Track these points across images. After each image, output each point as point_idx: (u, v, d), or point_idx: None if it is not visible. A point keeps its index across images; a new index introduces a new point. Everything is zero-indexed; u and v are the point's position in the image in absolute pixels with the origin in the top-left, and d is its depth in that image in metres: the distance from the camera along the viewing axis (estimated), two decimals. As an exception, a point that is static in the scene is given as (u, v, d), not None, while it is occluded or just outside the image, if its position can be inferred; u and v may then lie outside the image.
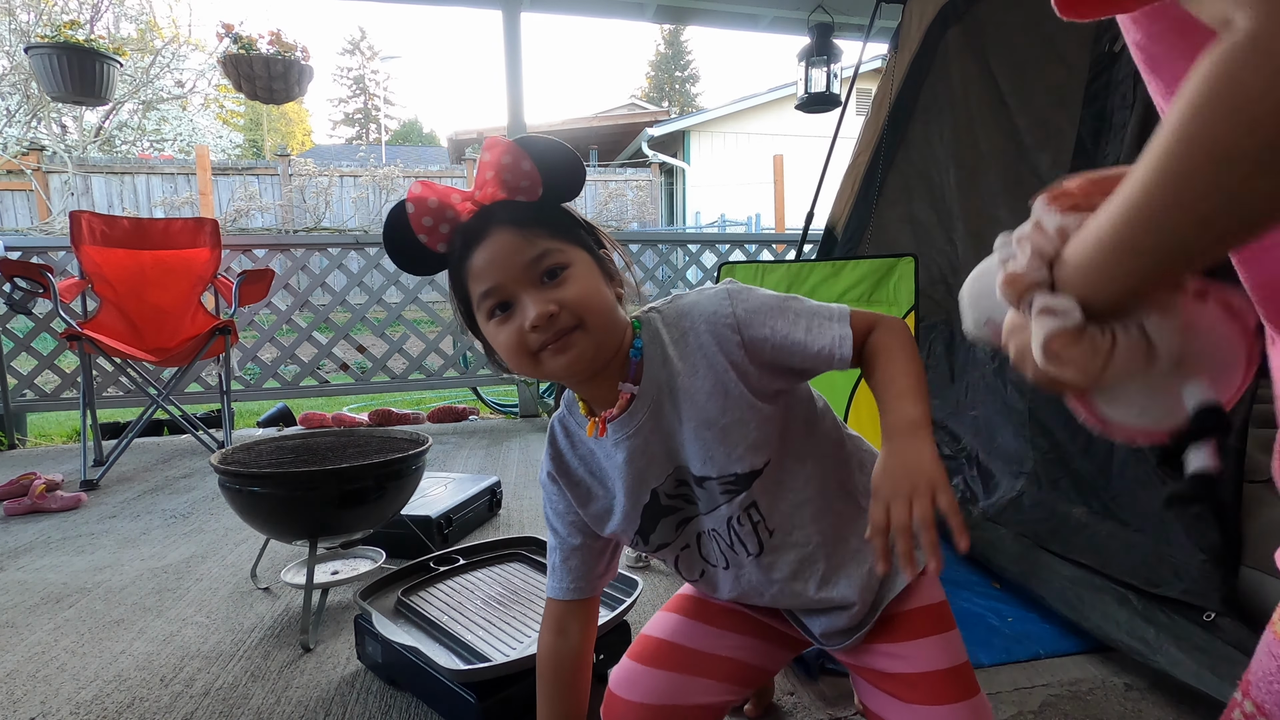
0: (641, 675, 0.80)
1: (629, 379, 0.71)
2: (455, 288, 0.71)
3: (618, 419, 0.71)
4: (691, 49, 34.39)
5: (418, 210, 0.68)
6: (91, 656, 1.23)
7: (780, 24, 3.64)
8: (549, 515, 0.82)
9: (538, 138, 0.69)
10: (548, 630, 0.81)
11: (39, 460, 2.72)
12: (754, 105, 12.25)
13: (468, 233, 0.68)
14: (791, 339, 0.68)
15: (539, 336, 0.65)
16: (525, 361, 0.68)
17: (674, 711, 0.78)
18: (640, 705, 0.78)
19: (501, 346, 0.68)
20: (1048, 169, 1.53)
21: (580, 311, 0.66)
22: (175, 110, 11.43)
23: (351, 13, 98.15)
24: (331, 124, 37.33)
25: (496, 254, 0.66)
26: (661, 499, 0.75)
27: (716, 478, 0.72)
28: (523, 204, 0.69)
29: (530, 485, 2.26)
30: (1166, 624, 1.05)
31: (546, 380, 0.74)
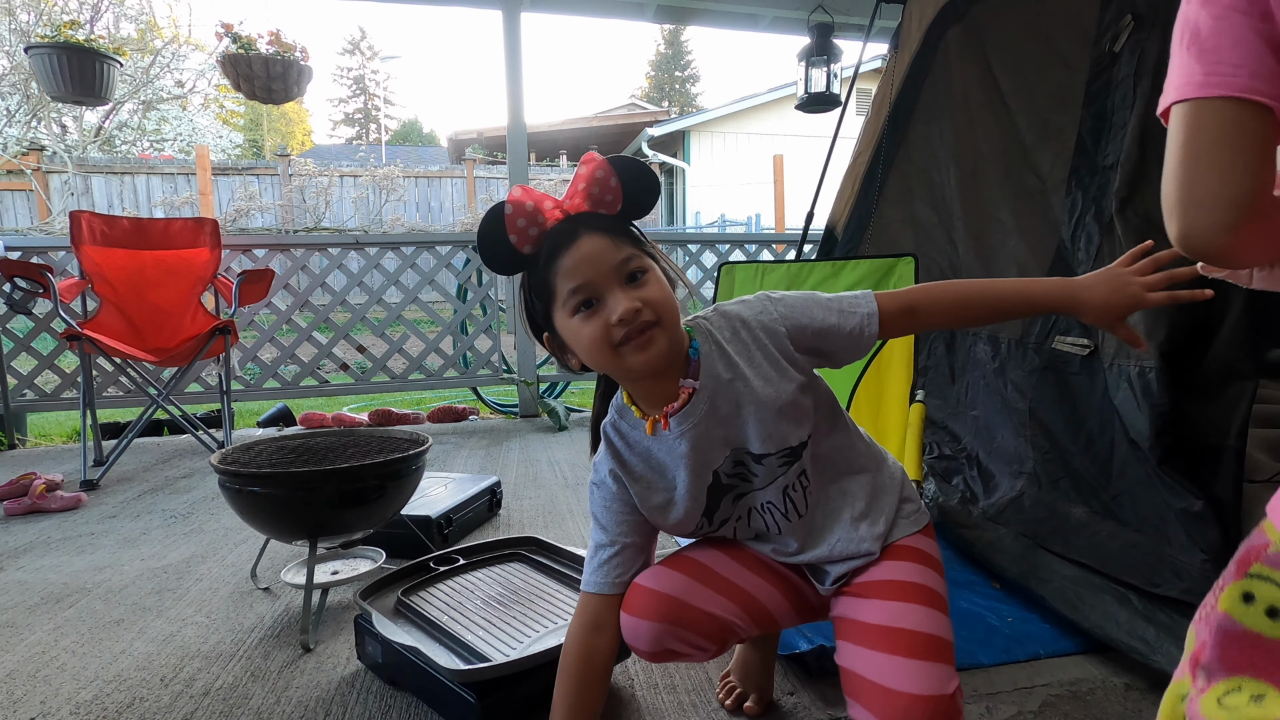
0: (661, 573, 0.85)
1: (689, 375, 0.79)
2: (535, 287, 0.78)
3: (680, 412, 0.78)
4: (692, 49, 34.40)
5: (515, 212, 0.74)
6: (91, 656, 1.23)
7: (780, 24, 3.64)
8: (600, 515, 0.86)
9: (628, 160, 0.78)
10: (583, 626, 0.85)
11: (39, 460, 2.72)
12: (754, 105, 12.24)
13: (558, 236, 0.74)
14: (827, 323, 0.79)
15: (623, 330, 0.73)
16: (606, 355, 0.74)
17: (684, 608, 0.83)
18: (654, 592, 0.83)
19: (585, 340, 0.74)
20: (1048, 169, 1.53)
21: (659, 310, 0.74)
22: (175, 110, 11.43)
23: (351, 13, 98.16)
24: (331, 124, 37.35)
25: (588, 254, 0.73)
26: (722, 478, 0.83)
27: (775, 453, 0.81)
28: (605, 215, 0.76)
29: (530, 485, 2.26)
30: (1167, 624, 1.05)
31: (621, 376, 0.77)
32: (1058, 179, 1.49)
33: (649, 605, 0.82)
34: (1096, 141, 1.38)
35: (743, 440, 0.81)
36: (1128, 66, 1.29)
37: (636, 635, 0.83)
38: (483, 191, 9.93)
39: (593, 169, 0.76)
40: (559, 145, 13.01)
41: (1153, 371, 1.16)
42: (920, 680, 0.73)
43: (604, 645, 0.84)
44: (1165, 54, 1.22)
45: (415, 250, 3.37)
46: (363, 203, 9.03)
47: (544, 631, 1.10)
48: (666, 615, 0.82)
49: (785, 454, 0.82)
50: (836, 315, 0.79)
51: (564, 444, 2.88)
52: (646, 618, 0.82)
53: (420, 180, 9.95)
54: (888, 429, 1.59)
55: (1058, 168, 1.50)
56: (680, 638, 0.83)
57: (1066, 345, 1.40)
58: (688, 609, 0.83)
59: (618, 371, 0.79)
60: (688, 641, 0.83)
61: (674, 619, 0.82)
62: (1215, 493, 1.09)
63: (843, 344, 0.80)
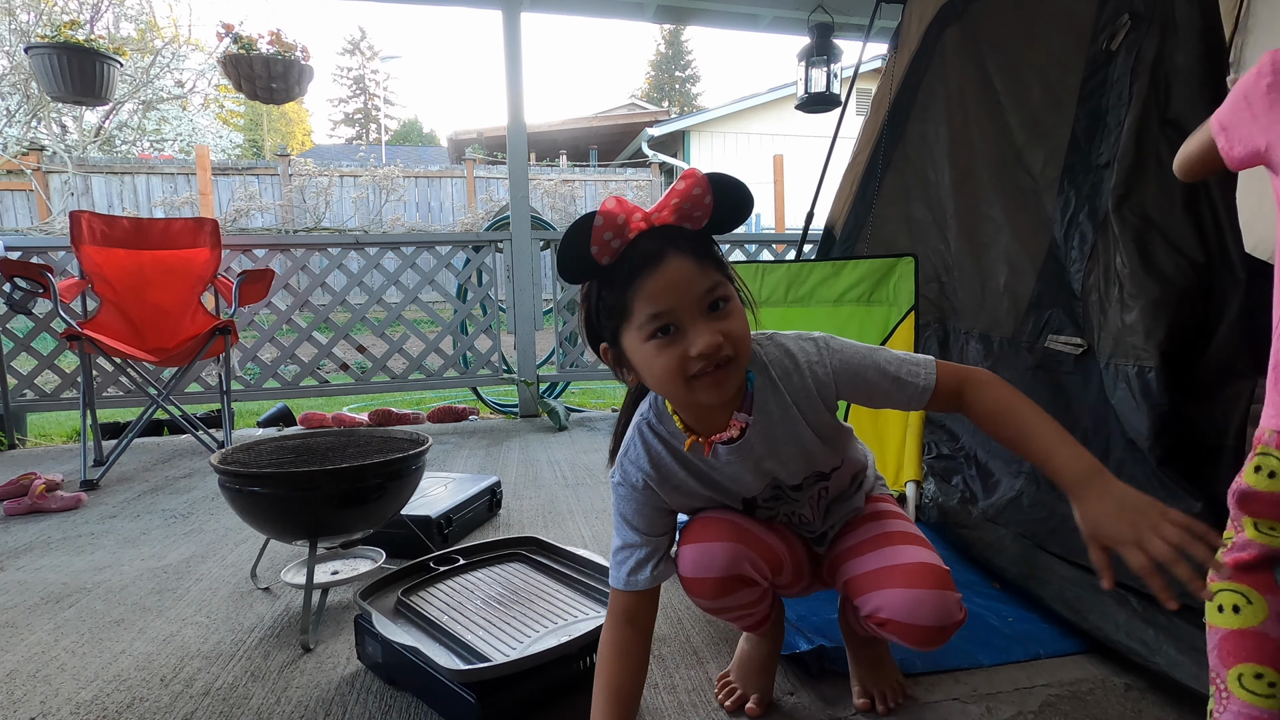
0: (712, 514, 0.88)
1: (743, 408, 0.79)
2: (606, 300, 0.74)
3: (731, 445, 0.80)
4: (692, 49, 34.40)
5: (605, 224, 0.70)
6: (91, 656, 1.23)
7: (780, 24, 3.64)
8: (630, 518, 0.85)
9: (727, 178, 0.74)
10: (619, 622, 0.86)
11: (39, 460, 2.72)
12: (754, 105, 12.24)
13: (644, 255, 0.71)
14: (881, 388, 0.81)
15: (700, 365, 0.70)
16: (678, 385, 0.73)
17: (747, 533, 0.87)
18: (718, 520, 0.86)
19: (658, 368, 0.72)
20: (1040, 168, 1.53)
21: (738, 345, 0.72)
22: (175, 110, 11.43)
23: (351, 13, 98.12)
24: (331, 124, 37.35)
25: (675, 280, 0.70)
26: (758, 502, 0.88)
27: (811, 477, 0.87)
28: (694, 234, 0.74)
29: (530, 485, 2.26)
30: (1165, 625, 1.05)
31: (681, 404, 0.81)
32: (1050, 177, 1.49)
33: (719, 530, 0.85)
34: (1090, 140, 1.38)
35: (780, 475, 0.85)
36: (1124, 65, 1.29)
37: (710, 559, 0.84)
38: (482, 191, 9.93)
39: (690, 185, 0.72)
40: (559, 145, 13.01)
41: (1152, 371, 1.15)
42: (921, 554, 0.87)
43: (640, 638, 0.86)
44: (1162, 53, 1.23)
45: (415, 250, 3.37)
46: (363, 203, 9.03)
47: (544, 632, 1.10)
48: (736, 537, 0.85)
49: (816, 477, 0.88)
50: (892, 382, 0.80)
51: (564, 444, 2.88)
52: (720, 540, 0.84)
53: (420, 180, 9.94)
54: (887, 430, 1.60)
55: (1050, 166, 1.50)
56: (750, 559, 0.85)
57: (1059, 344, 1.40)
58: (749, 533, 0.87)
59: (682, 400, 0.79)
60: (755, 566, 0.86)
61: (743, 539, 0.85)
62: (1215, 493, 1.09)
63: (886, 403, 0.83)
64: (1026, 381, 1.48)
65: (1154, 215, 1.21)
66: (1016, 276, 1.56)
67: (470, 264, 3.43)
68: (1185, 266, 1.15)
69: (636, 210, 0.72)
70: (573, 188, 9.99)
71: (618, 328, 0.74)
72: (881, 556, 0.88)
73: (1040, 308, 1.47)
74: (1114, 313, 1.23)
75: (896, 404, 0.82)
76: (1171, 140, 1.20)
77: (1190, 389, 1.13)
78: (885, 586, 0.85)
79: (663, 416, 0.83)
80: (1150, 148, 1.23)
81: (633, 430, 0.85)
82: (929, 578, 0.84)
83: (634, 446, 0.84)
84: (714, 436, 0.79)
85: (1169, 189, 1.20)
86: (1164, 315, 1.15)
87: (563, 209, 9.36)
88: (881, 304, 1.74)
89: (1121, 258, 1.23)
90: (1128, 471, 1.21)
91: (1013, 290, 1.56)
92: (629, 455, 0.84)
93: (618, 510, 0.87)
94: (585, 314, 0.78)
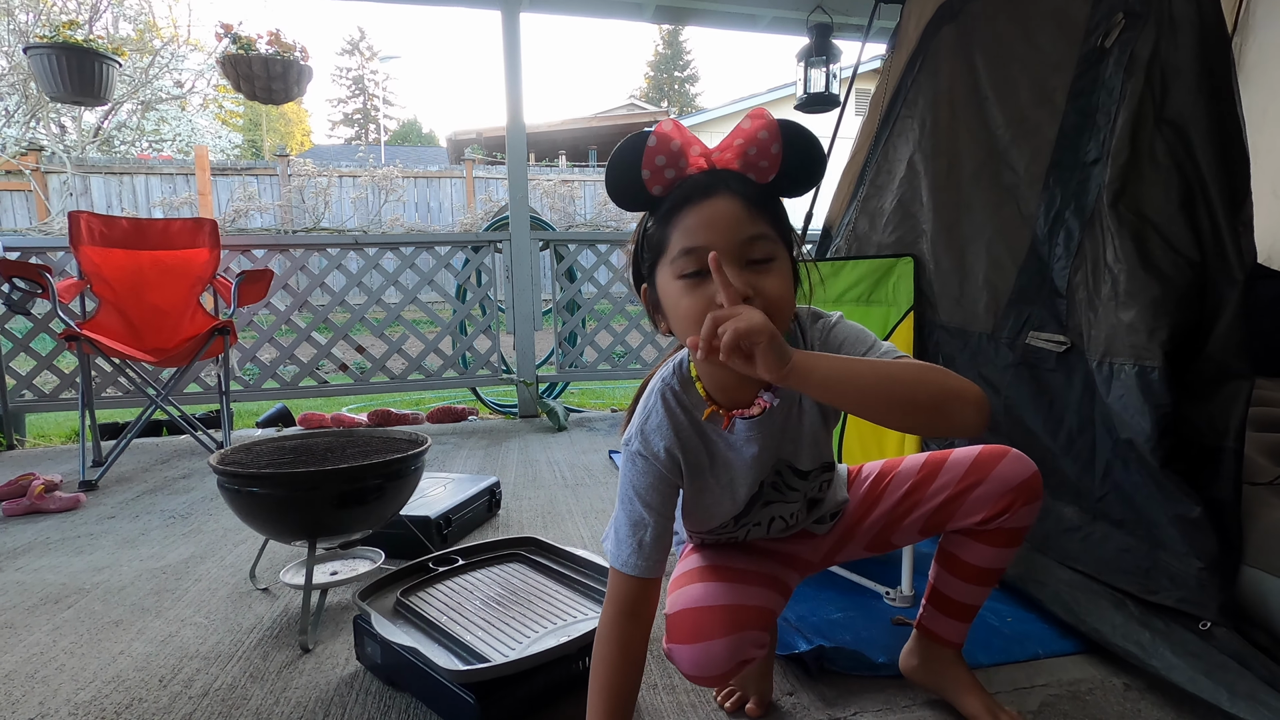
0: (699, 590, 0.81)
1: (769, 387, 0.74)
2: (650, 234, 0.70)
3: (754, 419, 0.76)
4: (691, 49, 34.43)
5: (658, 145, 0.66)
6: (90, 657, 1.23)
7: (779, 24, 3.64)
8: (644, 492, 0.78)
9: (798, 127, 0.68)
10: (619, 614, 0.79)
11: (37, 461, 2.72)
12: (753, 105, 12.26)
13: (694, 187, 0.67)
14: None
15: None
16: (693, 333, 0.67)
17: (741, 611, 0.80)
18: (710, 609, 0.79)
19: (681, 310, 0.68)
20: (1025, 164, 1.53)
21: (771, 308, 0.66)
22: (174, 110, 11.43)
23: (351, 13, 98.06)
24: (330, 124, 37.35)
25: (716, 217, 0.66)
26: (764, 488, 0.83)
27: (817, 468, 0.84)
28: (752, 181, 0.68)
29: (529, 485, 2.26)
30: (1162, 629, 1.05)
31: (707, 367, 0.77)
32: (1034, 174, 1.49)
33: (714, 624, 0.78)
34: (1079, 136, 1.37)
35: (793, 456, 0.81)
36: (1117, 62, 1.29)
37: (712, 659, 0.77)
38: (482, 191, 9.93)
39: (756, 128, 0.67)
40: (558, 145, 13.02)
41: (1155, 371, 1.14)
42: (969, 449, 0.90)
43: (640, 634, 0.79)
44: (1158, 51, 1.22)
45: (414, 250, 3.37)
46: (362, 203, 9.03)
47: (543, 632, 1.10)
48: (733, 625, 0.78)
49: (824, 468, 0.85)
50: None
51: (563, 444, 2.88)
52: (718, 636, 0.77)
53: (419, 180, 9.95)
54: (885, 431, 1.59)
55: (1035, 163, 1.49)
56: (751, 641, 0.79)
57: (1041, 341, 1.39)
58: (744, 610, 0.80)
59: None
60: (756, 643, 0.80)
61: (740, 625, 0.78)
62: (1214, 495, 1.09)
63: None
64: (1008, 378, 1.47)
65: (1149, 213, 1.21)
66: (997, 272, 1.55)
67: (469, 264, 3.43)
68: (1183, 265, 1.15)
69: (696, 143, 0.68)
70: (572, 188, 9.99)
71: (654, 263, 0.70)
72: (952, 469, 0.89)
73: (1020, 304, 1.46)
74: (1107, 311, 1.22)
75: None
76: (1168, 140, 1.20)
77: (1187, 388, 1.13)
78: (986, 475, 0.86)
79: (686, 384, 0.78)
80: (1145, 145, 1.23)
81: (655, 395, 0.78)
82: (998, 449, 0.89)
83: (656, 412, 0.78)
84: (736, 411, 0.75)
85: (1165, 187, 1.19)
86: (1165, 314, 1.14)
87: (562, 209, 9.35)
88: (880, 304, 1.75)
89: (1116, 254, 1.23)
90: (1116, 473, 1.20)
91: (992, 285, 1.55)
92: (651, 422, 0.78)
93: (629, 484, 0.79)
94: (634, 249, 0.74)
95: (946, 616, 0.98)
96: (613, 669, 0.79)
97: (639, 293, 0.75)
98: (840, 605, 1.32)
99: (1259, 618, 1.04)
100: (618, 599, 0.79)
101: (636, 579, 0.78)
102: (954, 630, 0.99)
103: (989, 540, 0.90)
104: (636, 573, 0.78)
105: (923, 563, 1.46)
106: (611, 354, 3.75)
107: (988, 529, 0.88)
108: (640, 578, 0.78)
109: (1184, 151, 1.18)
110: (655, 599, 0.81)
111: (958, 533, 0.92)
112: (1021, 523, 0.89)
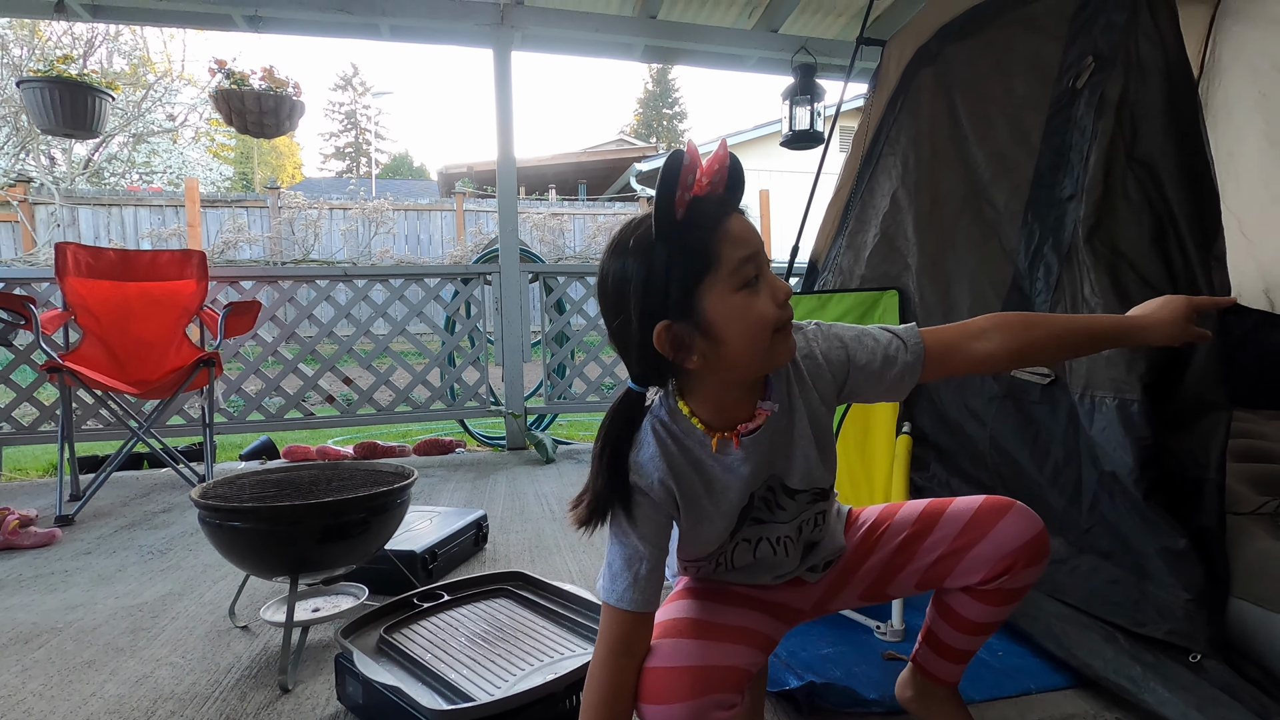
0: (670, 646, 0.79)
1: (766, 396, 0.77)
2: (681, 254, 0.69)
3: (755, 432, 0.76)
4: (679, 87, 35.13)
5: (691, 164, 0.68)
6: (60, 700, 1.19)
7: (765, 64, 3.74)
8: (640, 524, 0.77)
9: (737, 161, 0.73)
10: (612, 651, 0.77)
11: (14, 495, 2.66)
12: (740, 141, 12.49)
13: (717, 202, 0.70)
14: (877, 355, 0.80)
15: (781, 315, 0.71)
16: (765, 337, 0.71)
17: (710, 672, 0.78)
18: (675, 669, 0.77)
19: (754, 316, 0.70)
20: (1004, 200, 1.57)
21: None
22: (165, 143, 11.49)
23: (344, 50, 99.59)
24: (322, 157, 37.64)
25: (749, 228, 0.71)
26: (754, 501, 0.82)
27: (809, 490, 0.82)
28: None
29: (517, 519, 2.24)
30: (1153, 663, 1.05)
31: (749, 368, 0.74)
32: (1014, 210, 1.53)
33: (679, 685, 0.75)
34: (1055, 174, 1.42)
35: (785, 471, 0.81)
36: (1088, 103, 1.34)
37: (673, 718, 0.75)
38: (472, 224, 10.00)
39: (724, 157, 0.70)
40: (548, 180, 13.17)
41: (1135, 404, 1.16)
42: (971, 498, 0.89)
43: (633, 673, 0.77)
44: (1126, 93, 1.27)
45: (404, 282, 3.38)
46: (352, 235, 9.06)
47: (530, 670, 1.08)
48: (699, 689, 0.75)
49: (816, 494, 0.84)
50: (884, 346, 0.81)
51: (551, 477, 2.85)
52: (681, 700, 0.74)
53: (410, 213, 10.01)
54: (875, 460, 1.60)
55: (1014, 200, 1.54)
56: (718, 703, 0.76)
57: (1025, 374, 1.41)
58: (713, 671, 0.77)
59: (761, 361, 0.74)
60: (723, 704, 0.77)
61: (705, 688, 0.76)
62: (1199, 525, 1.10)
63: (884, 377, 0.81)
64: (993, 410, 1.48)
65: (1123, 248, 1.24)
66: (981, 305, 1.58)
67: (459, 296, 3.44)
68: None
69: (698, 166, 0.69)
70: (561, 221, 10.08)
71: (696, 285, 0.69)
72: (950, 523, 0.88)
73: None
74: (1084, 345, 1.25)
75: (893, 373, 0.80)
76: (1139, 178, 1.24)
77: (1168, 421, 1.14)
78: (985, 534, 0.85)
79: (675, 415, 0.77)
80: (1118, 182, 1.27)
81: (645, 430, 0.78)
82: (1002, 503, 0.87)
83: (648, 445, 0.77)
84: (740, 427, 0.76)
85: (1138, 223, 1.23)
86: (1142, 348, 1.17)
87: (551, 242, 9.43)
88: (866, 336, 1.76)
89: (1093, 288, 1.26)
90: (1103, 505, 1.21)
91: None
92: (644, 454, 0.77)
93: (623, 519, 0.78)
94: (641, 288, 0.70)
95: (941, 658, 0.97)
96: (605, 707, 0.76)
97: (648, 338, 0.71)
98: (831, 640, 1.30)
99: (1248, 650, 1.04)
100: (611, 637, 0.77)
101: (631, 614, 0.76)
102: (949, 671, 0.97)
103: (985, 599, 0.88)
104: (632, 607, 0.76)
105: (913, 598, 1.45)
106: (600, 385, 3.75)
107: (985, 589, 0.87)
108: (635, 612, 0.77)
109: (1155, 189, 1.22)
110: (650, 634, 0.79)
111: (961, 594, 0.90)
112: (1022, 583, 0.86)
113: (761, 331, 0.71)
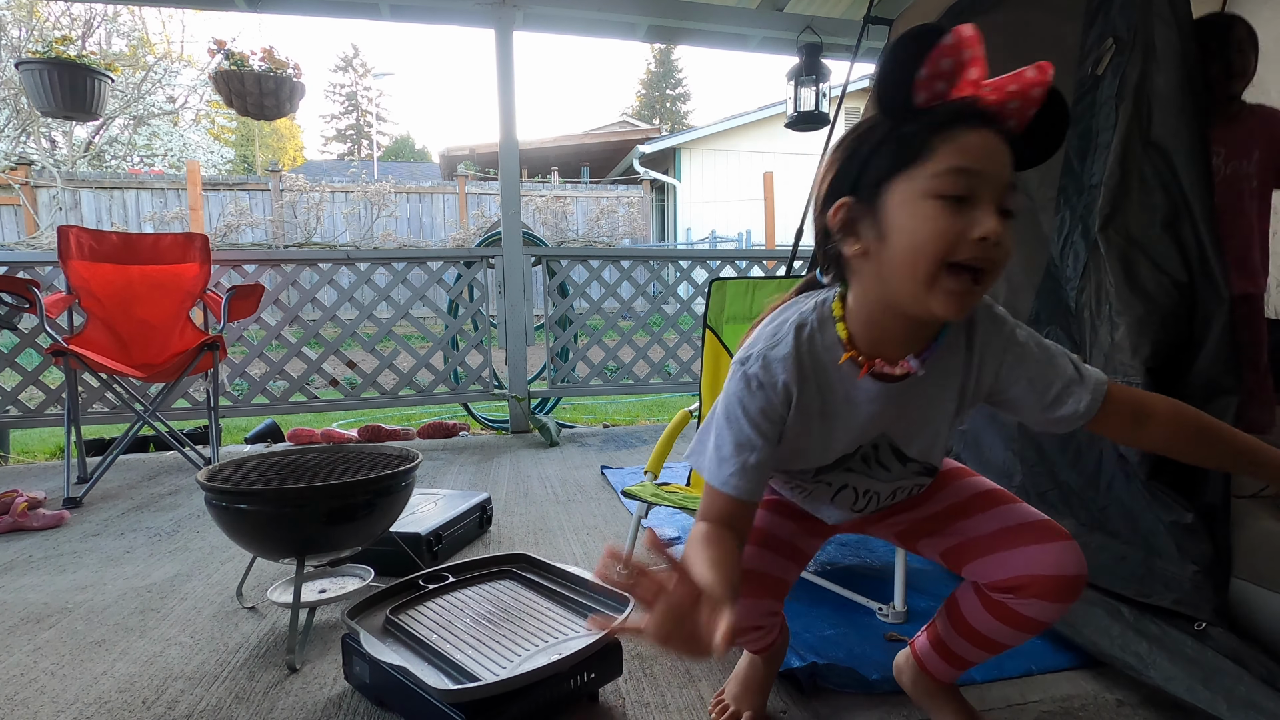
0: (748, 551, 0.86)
1: (920, 354, 0.71)
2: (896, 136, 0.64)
3: (890, 381, 0.73)
4: (682, 68, 34.79)
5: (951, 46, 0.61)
6: (72, 679, 1.21)
7: (769, 44, 3.69)
8: (755, 416, 0.73)
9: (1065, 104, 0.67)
10: (715, 524, 0.73)
11: (21, 477, 2.68)
12: (744, 123, 12.38)
13: (971, 110, 0.63)
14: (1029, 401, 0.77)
15: (970, 254, 0.62)
16: (930, 267, 0.63)
17: (768, 579, 0.89)
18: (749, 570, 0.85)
19: (925, 232, 0.62)
20: (1036, 187, 1.56)
21: (1002, 262, 0.64)
22: (166, 126, 11.44)
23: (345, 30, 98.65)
24: (324, 140, 37.45)
25: (995, 150, 0.63)
26: (857, 455, 0.80)
27: (921, 461, 0.80)
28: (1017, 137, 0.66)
29: (520, 501, 2.25)
30: (1158, 636, 1.05)
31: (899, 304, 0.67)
32: (1046, 197, 1.51)
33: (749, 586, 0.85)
34: (1082, 161, 1.40)
35: (906, 435, 0.78)
36: (1109, 88, 1.32)
37: None
38: (474, 207, 9.97)
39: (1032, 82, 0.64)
40: (550, 162, 13.09)
41: (1138, 387, 1.16)
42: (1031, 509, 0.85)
43: (736, 546, 0.72)
44: (1144, 76, 1.25)
45: (406, 266, 3.37)
46: (354, 218, 9.04)
47: (534, 650, 1.09)
48: (757, 590, 0.86)
49: (926, 469, 0.82)
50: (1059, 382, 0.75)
51: (555, 460, 2.86)
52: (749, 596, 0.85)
53: (412, 196, 9.97)
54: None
55: (1046, 186, 1.52)
56: (765, 609, 0.88)
57: None
58: (769, 579, 0.88)
59: (921, 298, 0.65)
60: (768, 610, 0.89)
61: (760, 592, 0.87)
62: (1206, 503, 1.10)
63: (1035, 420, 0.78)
64: None
65: (1136, 234, 1.23)
66: (1015, 294, 1.57)
67: (462, 279, 3.43)
68: (1168, 285, 1.17)
69: (974, 67, 0.63)
70: (564, 203, 10.04)
71: (893, 171, 0.64)
72: (994, 518, 0.84)
73: (1038, 324, 1.48)
74: (1104, 330, 1.25)
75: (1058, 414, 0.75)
76: (1154, 162, 1.22)
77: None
78: (1018, 545, 0.81)
79: (825, 322, 0.73)
80: (1134, 168, 1.26)
81: (789, 326, 0.74)
82: (1055, 530, 0.82)
83: (785, 344, 0.73)
84: (876, 360, 0.71)
85: (1150, 209, 1.22)
86: (1149, 332, 1.17)
87: (554, 224, 9.40)
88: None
89: (1109, 276, 1.25)
90: (1118, 485, 1.21)
91: (1011, 307, 1.57)
92: (778, 351, 0.73)
93: (739, 404, 0.74)
94: (842, 159, 0.68)
95: (937, 655, 0.95)
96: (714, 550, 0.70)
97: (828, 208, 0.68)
98: (834, 622, 1.31)
99: (1248, 628, 1.05)
100: (715, 514, 0.73)
101: (737, 499, 0.73)
102: (945, 673, 0.97)
103: (991, 609, 0.85)
104: (738, 494, 0.73)
105: (915, 580, 1.46)
106: (604, 369, 3.75)
107: (993, 595, 0.84)
108: (741, 499, 0.73)
109: (1169, 172, 1.21)
110: (751, 519, 0.77)
111: (973, 592, 0.88)
112: (1030, 612, 0.82)
113: (930, 250, 0.62)
